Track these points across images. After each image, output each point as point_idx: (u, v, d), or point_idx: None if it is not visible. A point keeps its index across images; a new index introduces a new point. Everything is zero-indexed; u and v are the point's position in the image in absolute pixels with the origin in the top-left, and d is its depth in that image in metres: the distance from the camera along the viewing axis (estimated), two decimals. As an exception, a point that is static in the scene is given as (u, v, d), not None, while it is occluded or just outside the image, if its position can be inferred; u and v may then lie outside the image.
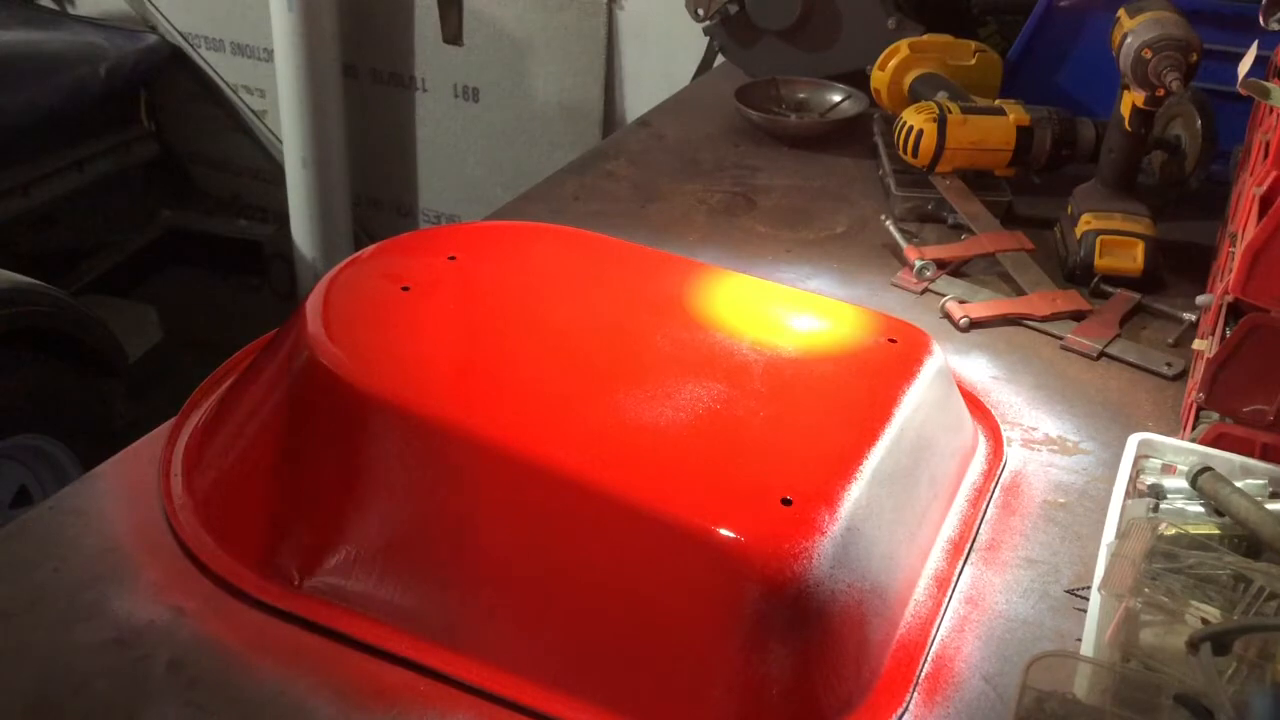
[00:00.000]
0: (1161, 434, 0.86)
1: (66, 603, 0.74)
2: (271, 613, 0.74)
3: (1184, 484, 0.80)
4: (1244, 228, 0.89)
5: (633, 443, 0.73)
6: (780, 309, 0.92)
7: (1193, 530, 0.74)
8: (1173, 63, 1.10)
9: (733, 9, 1.68)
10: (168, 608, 0.74)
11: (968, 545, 0.84)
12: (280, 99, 2.35)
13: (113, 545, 0.79)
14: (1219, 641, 0.62)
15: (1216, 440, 0.86)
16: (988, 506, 0.88)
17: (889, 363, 0.85)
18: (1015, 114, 1.33)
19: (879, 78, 1.51)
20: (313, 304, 0.84)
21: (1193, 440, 0.87)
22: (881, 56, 1.51)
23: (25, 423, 1.64)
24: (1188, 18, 1.12)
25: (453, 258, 0.92)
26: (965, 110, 1.33)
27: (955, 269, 1.22)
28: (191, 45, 2.60)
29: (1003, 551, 0.84)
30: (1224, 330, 0.88)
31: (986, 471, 0.91)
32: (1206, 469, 0.79)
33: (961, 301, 1.15)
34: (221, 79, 2.63)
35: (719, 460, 0.72)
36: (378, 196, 2.60)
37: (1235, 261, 0.85)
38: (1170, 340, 1.12)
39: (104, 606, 0.74)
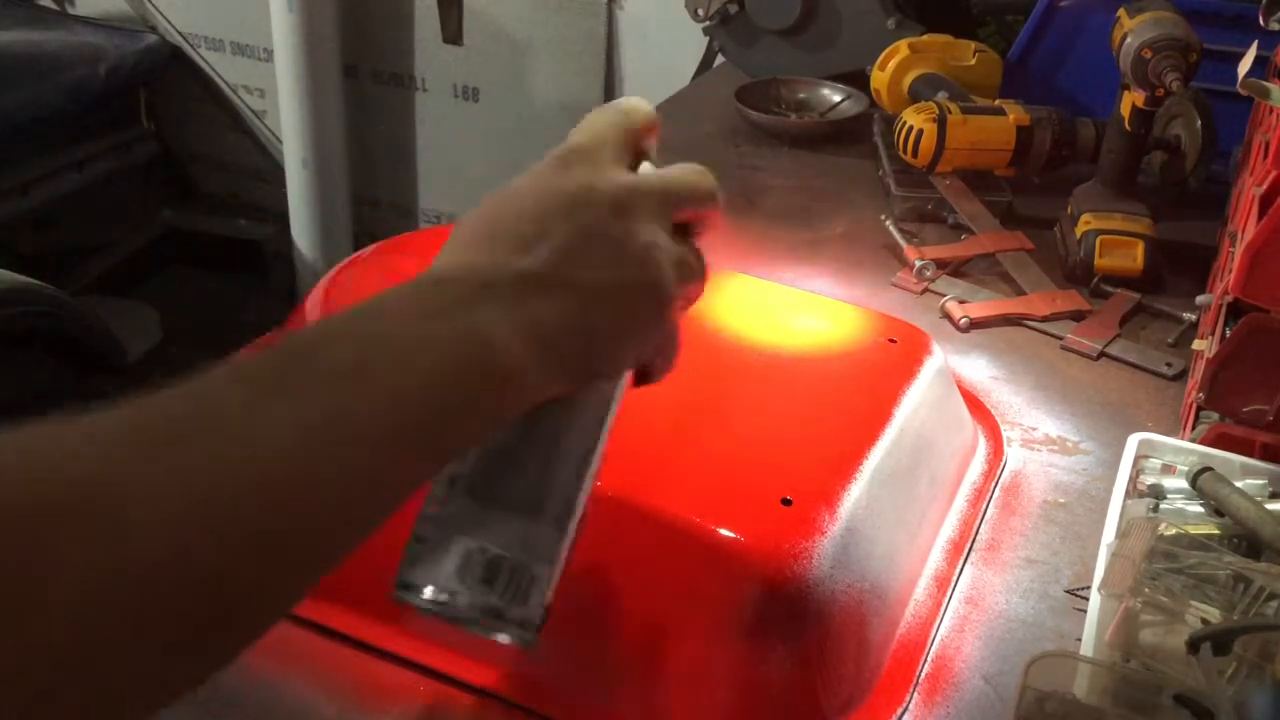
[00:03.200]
0: (1161, 434, 0.86)
1: (66, 603, 0.74)
2: (271, 613, 0.74)
3: (1184, 484, 0.80)
4: (1244, 228, 0.90)
5: (632, 443, 0.72)
6: (780, 309, 0.92)
7: (1193, 530, 0.74)
8: (1173, 63, 1.10)
9: (733, 9, 1.68)
10: (168, 608, 0.74)
11: (968, 545, 0.84)
12: (280, 99, 2.35)
13: (113, 545, 0.79)
14: (1219, 641, 0.62)
15: (1216, 440, 0.86)
16: (988, 506, 0.88)
17: (889, 363, 0.85)
18: (1015, 114, 1.33)
19: (879, 78, 1.51)
20: (313, 304, 0.84)
21: (1193, 440, 0.87)
22: (881, 56, 1.51)
23: (25, 423, 1.63)
24: (1188, 18, 1.12)
25: (453, 258, 0.92)
26: (965, 110, 1.33)
27: (955, 269, 1.22)
28: (191, 45, 2.60)
29: (1003, 551, 0.84)
30: (1224, 330, 0.88)
31: (986, 471, 0.91)
32: (1206, 469, 0.79)
33: (961, 301, 1.15)
34: (221, 79, 2.63)
35: (719, 460, 0.72)
36: (378, 196, 2.60)
37: (1235, 261, 0.85)
38: (1170, 340, 1.12)
39: (104, 606, 0.74)
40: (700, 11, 1.69)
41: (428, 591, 0.46)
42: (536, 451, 0.48)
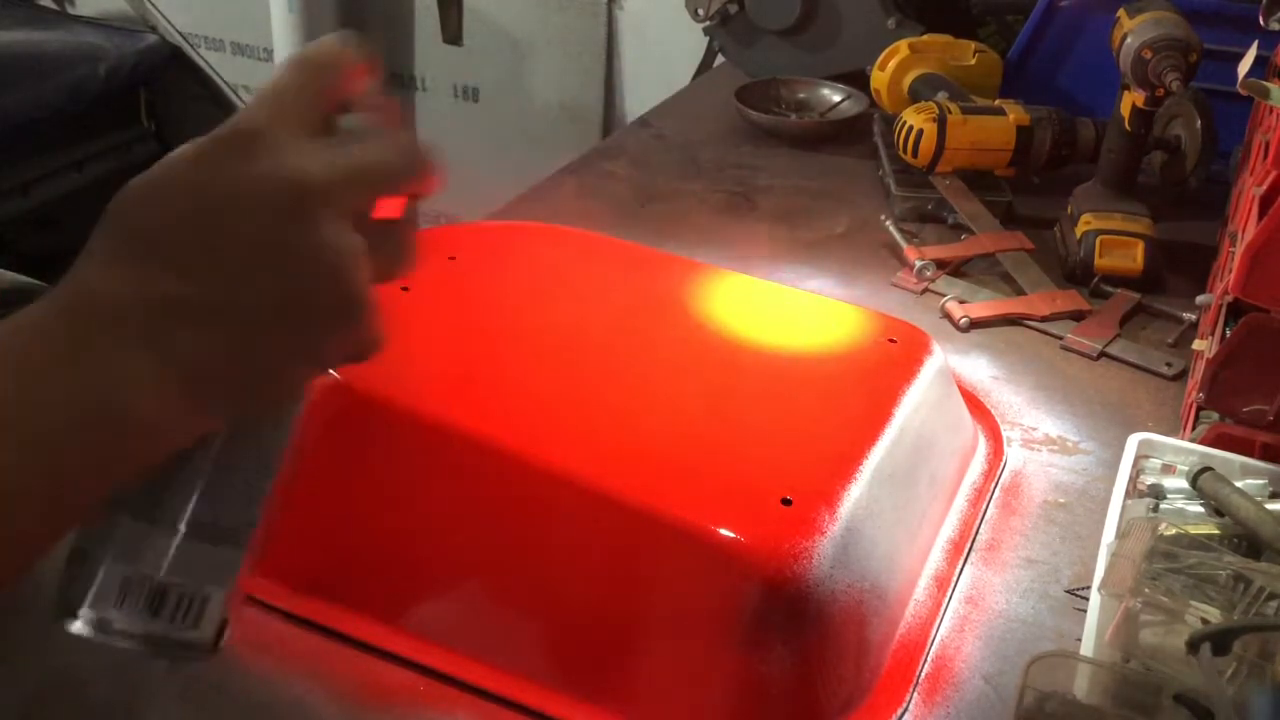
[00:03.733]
0: (1161, 434, 0.86)
1: (66, 603, 0.74)
2: (272, 613, 0.74)
3: (1184, 484, 0.80)
4: (1244, 228, 0.90)
5: (632, 443, 0.73)
6: (780, 309, 0.92)
7: (1193, 530, 0.74)
8: (1173, 63, 1.10)
9: (733, 9, 1.68)
10: (168, 608, 0.74)
11: (968, 545, 0.84)
12: (280, 99, 2.35)
13: (113, 545, 0.79)
14: (1219, 641, 0.62)
15: (1216, 440, 0.86)
16: (988, 506, 0.88)
17: (889, 363, 0.85)
18: (1015, 114, 1.33)
19: (879, 78, 1.51)
20: (313, 304, 0.84)
21: (1193, 440, 0.87)
22: (881, 56, 1.51)
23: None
24: (1188, 18, 1.12)
25: (453, 258, 0.92)
26: (965, 110, 1.33)
27: (955, 269, 1.22)
28: (191, 45, 2.60)
29: (1003, 551, 0.84)
30: (1224, 330, 0.88)
31: (986, 471, 0.91)
32: (1206, 469, 0.79)
33: (961, 301, 1.15)
34: (221, 79, 2.63)
35: (719, 460, 0.72)
36: (378, 196, 2.60)
37: (1235, 261, 0.85)
38: (1170, 340, 1.12)
39: (104, 606, 0.74)
40: (700, 11, 1.69)
41: (86, 616, 0.42)
42: (205, 470, 0.44)
